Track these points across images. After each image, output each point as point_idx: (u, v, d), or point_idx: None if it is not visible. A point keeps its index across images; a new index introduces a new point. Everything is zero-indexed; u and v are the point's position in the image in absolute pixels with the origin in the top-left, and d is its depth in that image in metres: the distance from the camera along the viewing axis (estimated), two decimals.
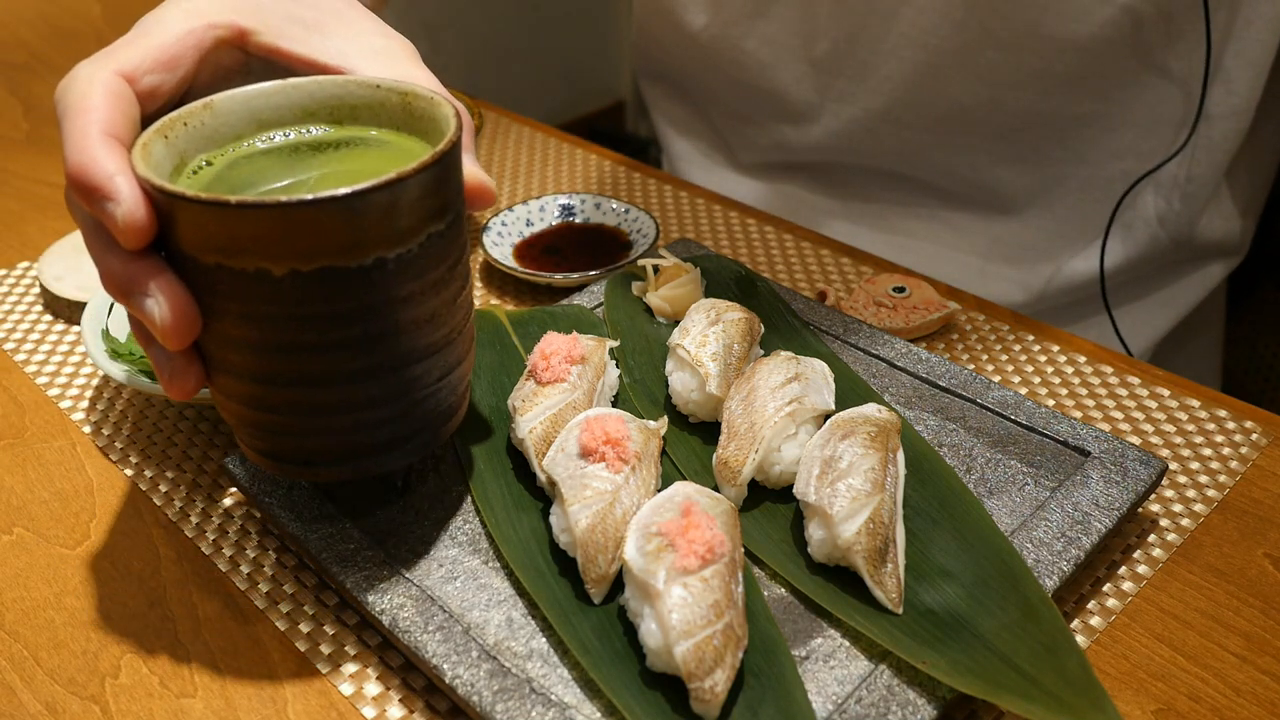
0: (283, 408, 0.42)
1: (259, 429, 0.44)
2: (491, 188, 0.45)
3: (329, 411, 0.42)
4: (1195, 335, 0.97)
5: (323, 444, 0.44)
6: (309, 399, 0.42)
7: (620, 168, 0.88)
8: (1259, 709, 0.42)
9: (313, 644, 0.46)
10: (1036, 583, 0.43)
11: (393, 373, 0.42)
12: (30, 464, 0.57)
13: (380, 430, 0.44)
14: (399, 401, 0.43)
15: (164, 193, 0.38)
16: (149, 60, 0.43)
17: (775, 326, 0.60)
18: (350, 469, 0.45)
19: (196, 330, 0.40)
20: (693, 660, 0.38)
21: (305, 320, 0.40)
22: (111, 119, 0.40)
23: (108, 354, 0.57)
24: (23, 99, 1.03)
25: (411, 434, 0.45)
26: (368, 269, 0.39)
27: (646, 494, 0.46)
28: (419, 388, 0.44)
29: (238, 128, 0.46)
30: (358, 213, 0.38)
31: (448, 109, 0.43)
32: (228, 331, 0.40)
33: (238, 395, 0.43)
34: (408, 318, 0.42)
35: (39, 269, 0.71)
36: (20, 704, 0.44)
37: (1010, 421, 0.53)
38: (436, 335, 0.43)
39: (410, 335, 0.42)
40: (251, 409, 0.43)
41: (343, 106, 0.46)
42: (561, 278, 0.68)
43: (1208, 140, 0.81)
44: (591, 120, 2.29)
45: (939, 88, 0.87)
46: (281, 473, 0.45)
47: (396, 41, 0.48)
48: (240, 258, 0.38)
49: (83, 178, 0.38)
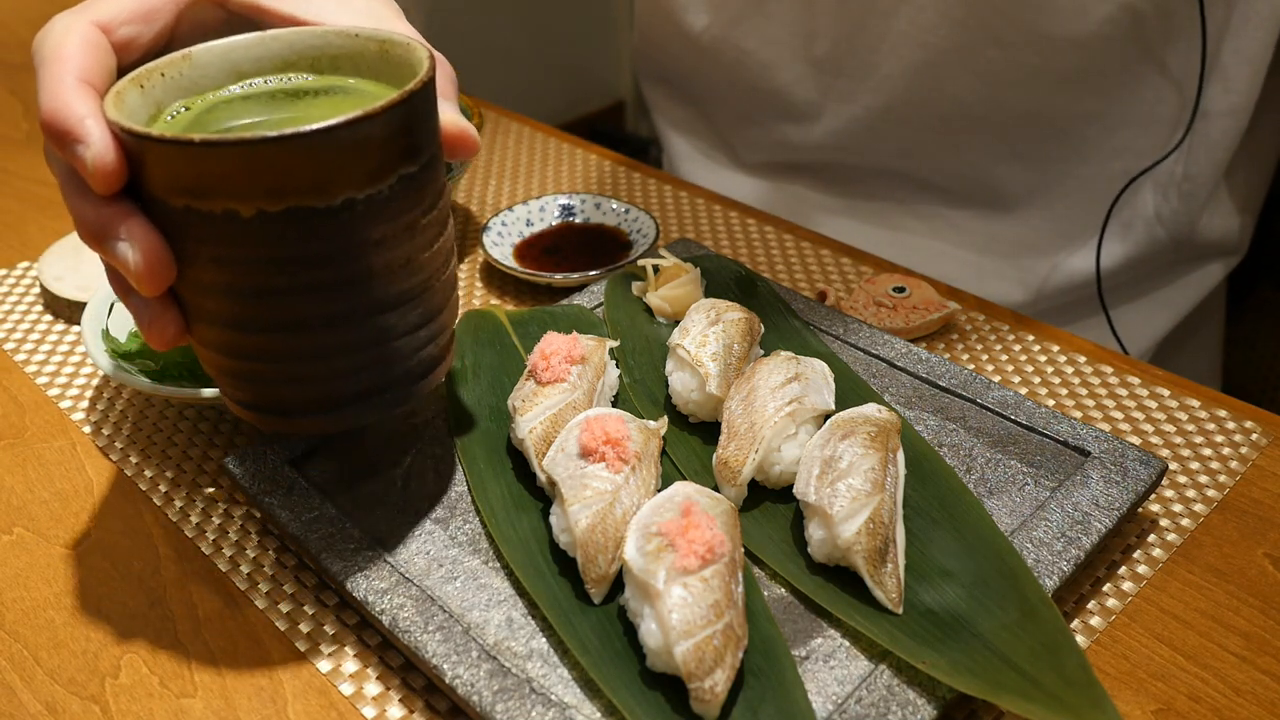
0: (257, 354, 0.42)
1: (237, 378, 0.44)
2: (472, 134, 0.45)
3: (303, 358, 0.42)
4: (1195, 335, 0.97)
5: (299, 393, 0.43)
6: (283, 345, 0.42)
7: (620, 168, 0.88)
8: (1259, 709, 0.42)
9: (313, 644, 0.46)
10: (1036, 583, 0.43)
11: (366, 318, 0.42)
12: (30, 464, 0.57)
13: (356, 378, 0.43)
14: (374, 349, 0.43)
15: (131, 134, 0.38)
16: (125, 11, 0.43)
17: (775, 326, 0.60)
18: (328, 420, 0.44)
19: (171, 275, 0.40)
20: (693, 660, 0.38)
21: (275, 263, 0.40)
22: (86, 67, 0.40)
23: (108, 354, 0.57)
24: (23, 99, 1.03)
25: (389, 385, 0.45)
26: (336, 209, 0.39)
27: (646, 494, 0.46)
28: (395, 335, 0.43)
29: (216, 78, 0.45)
30: (324, 150, 0.38)
31: (423, 53, 0.43)
32: (200, 277, 0.40)
33: (215, 343, 0.42)
34: (380, 261, 0.41)
35: (39, 269, 0.71)
36: (20, 704, 0.44)
37: (1010, 421, 0.53)
38: (412, 281, 0.43)
39: (384, 280, 0.42)
40: (228, 357, 0.43)
41: (322, 57, 0.46)
42: (561, 278, 0.68)
43: (1206, 138, 0.81)
44: (591, 120, 2.29)
45: (939, 86, 0.87)
46: (261, 424, 0.45)
47: (379, 0, 0.47)
48: (208, 199, 0.38)
49: (54, 122, 0.38)
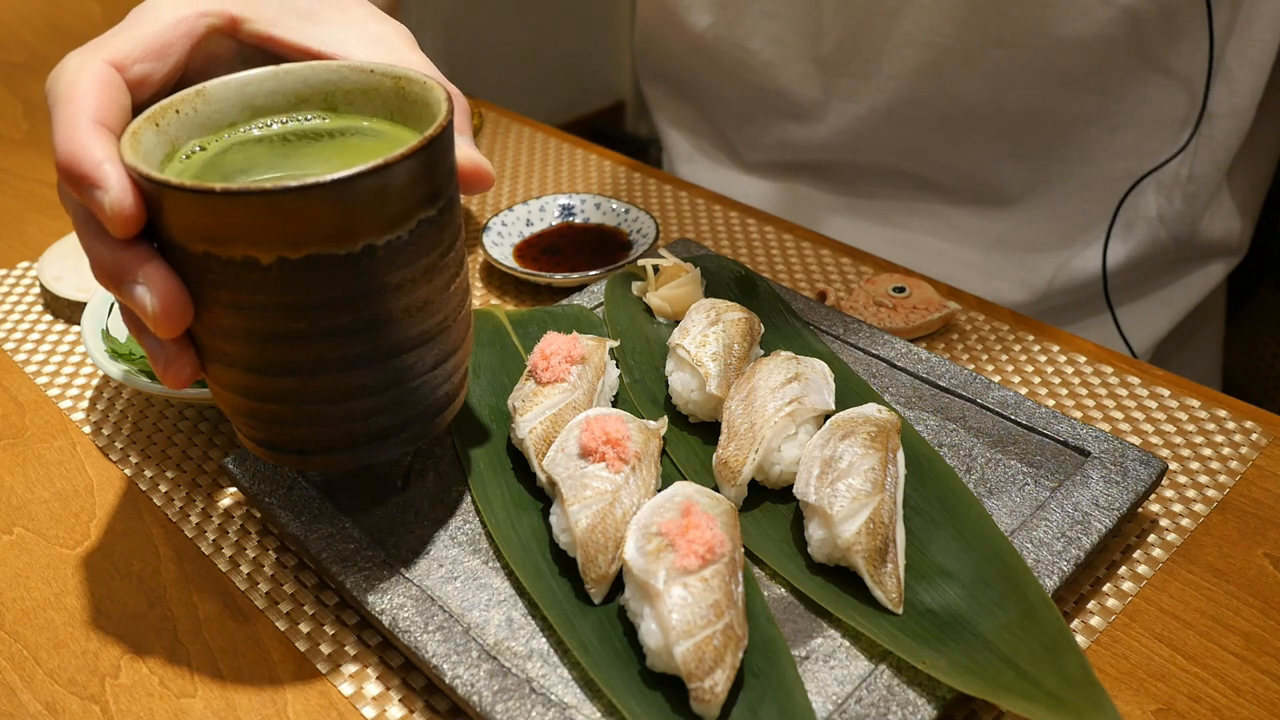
0: (275, 397, 0.42)
1: (254, 418, 0.44)
2: (488, 170, 0.45)
3: (321, 400, 0.42)
4: (1195, 335, 0.97)
5: (316, 433, 0.44)
6: (301, 388, 0.42)
7: (620, 168, 0.88)
8: (1259, 709, 0.42)
9: (313, 644, 0.46)
10: (1036, 583, 0.43)
11: (385, 361, 0.42)
12: (30, 464, 0.57)
13: (374, 419, 0.43)
14: (392, 390, 0.43)
15: (151, 181, 0.38)
16: (139, 48, 0.42)
17: (775, 326, 0.60)
18: (345, 458, 0.44)
19: (188, 318, 0.40)
20: (693, 660, 0.38)
21: (294, 309, 0.40)
22: (101, 107, 0.40)
23: (108, 354, 0.57)
24: (23, 99, 1.03)
25: (406, 423, 0.45)
26: (357, 256, 0.39)
27: (646, 494, 0.46)
28: (413, 376, 0.43)
29: (230, 114, 0.45)
30: (345, 199, 0.38)
31: (440, 92, 0.43)
32: (219, 321, 0.40)
33: (231, 384, 0.42)
34: (399, 305, 0.41)
35: (39, 269, 0.71)
36: (20, 704, 0.44)
37: (1010, 421, 0.53)
38: (430, 323, 0.43)
39: (402, 323, 0.42)
40: (245, 398, 0.43)
41: (336, 92, 0.46)
42: (561, 278, 0.68)
43: (1209, 139, 0.81)
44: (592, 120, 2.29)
45: (943, 85, 0.87)
46: (277, 461, 0.45)
47: (391, 28, 0.47)
48: (228, 246, 0.38)
49: (71, 166, 0.38)
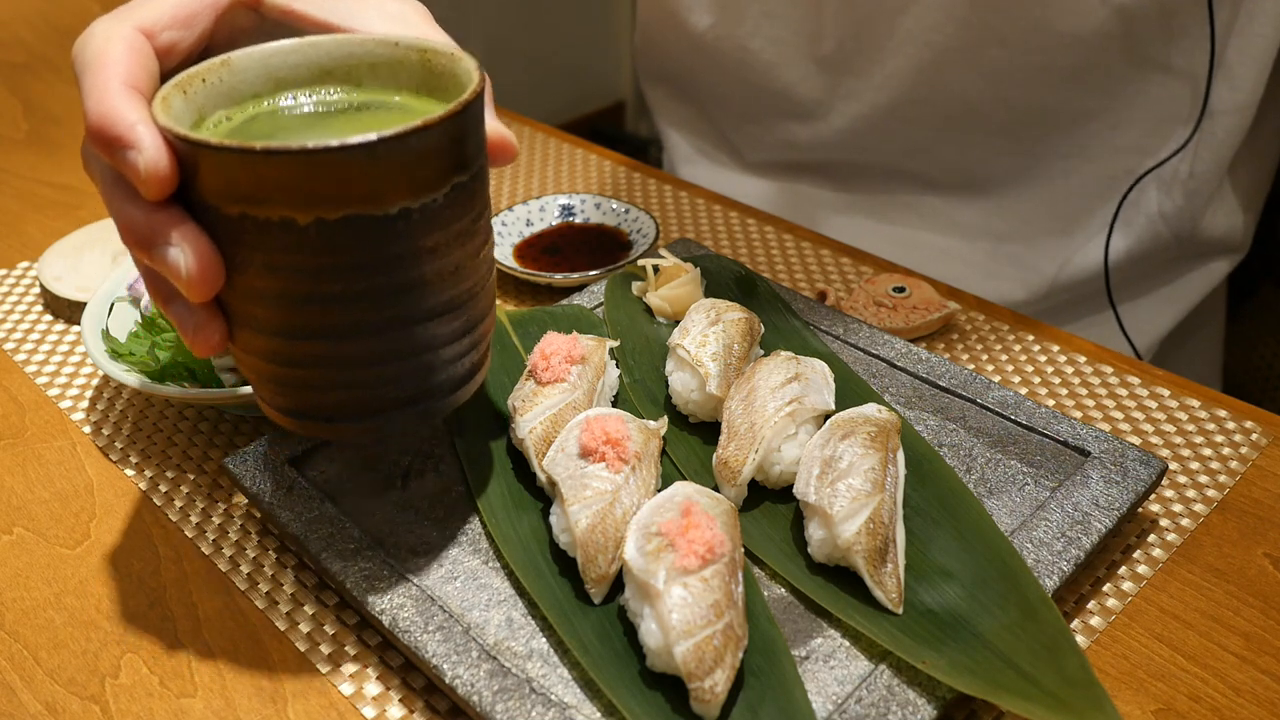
0: (305, 361, 0.42)
1: (281, 385, 0.44)
2: (512, 141, 0.45)
3: (351, 365, 0.42)
4: (1196, 334, 0.97)
5: (345, 399, 0.43)
6: (331, 352, 0.42)
7: (620, 168, 0.88)
8: (1259, 709, 0.42)
9: (313, 644, 0.46)
10: (1036, 583, 0.43)
11: (416, 325, 0.42)
12: (30, 464, 0.57)
13: (403, 385, 0.43)
14: (423, 355, 0.43)
15: (187, 141, 0.38)
16: (167, 16, 0.43)
17: (775, 326, 0.60)
18: (373, 425, 0.44)
19: (220, 280, 0.40)
20: (693, 660, 0.38)
21: (330, 271, 0.40)
22: (131, 72, 0.40)
23: (108, 354, 0.57)
24: (23, 99, 1.03)
25: (432, 392, 0.45)
26: (393, 218, 0.39)
27: (646, 494, 0.46)
28: (441, 342, 0.43)
29: (255, 85, 0.45)
30: (385, 159, 0.38)
31: (469, 63, 0.43)
32: (251, 284, 0.40)
33: (260, 350, 0.42)
34: (432, 269, 0.41)
35: (39, 269, 0.71)
36: (20, 704, 0.44)
37: (1010, 421, 0.53)
38: (460, 288, 0.43)
39: (434, 287, 0.42)
40: (274, 364, 0.43)
41: (361, 66, 0.46)
42: (561, 278, 0.68)
43: (1211, 136, 0.81)
44: (592, 120, 2.29)
45: (944, 84, 0.87)
46: (303, 430, 0.45)
47: (410, 6, 0.47)
48: (265, 206, 0.38)
49: (104, 128, 0.38)
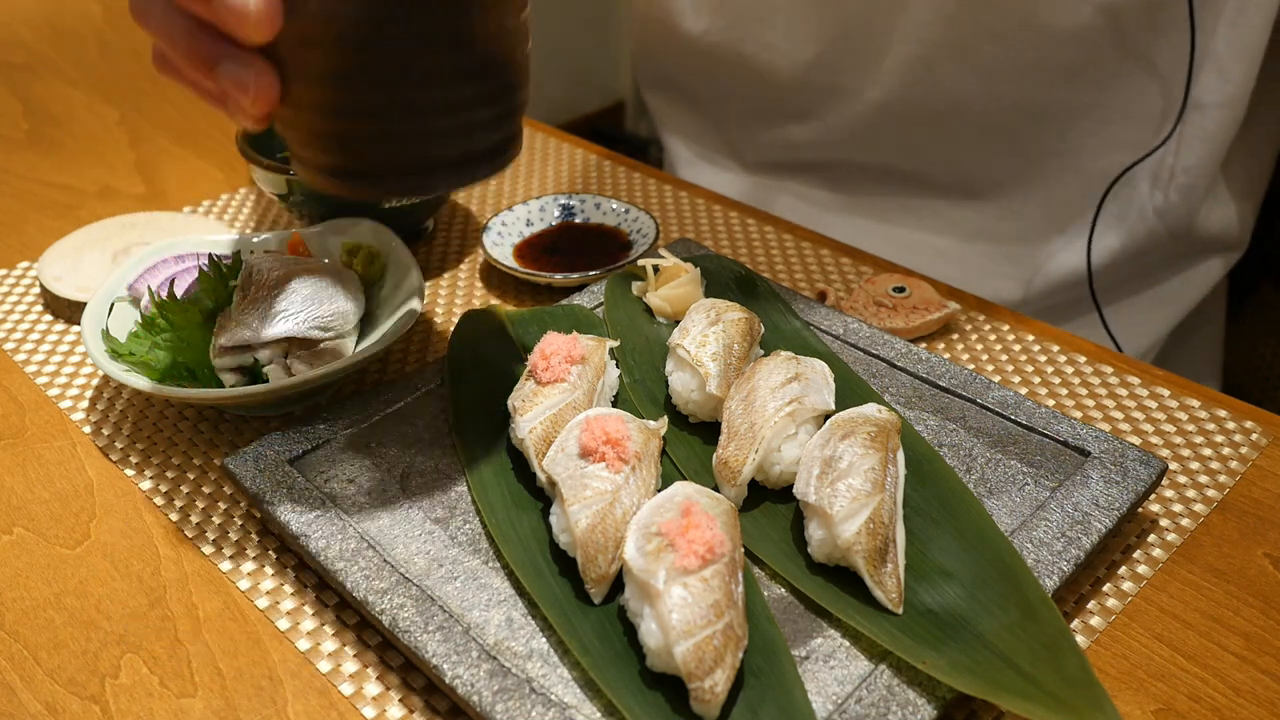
0: (360, 110, 0.43)
1: (331, 140, 0.44)
2: None
3: (402, 113, 0.43)
4: (1195, 334, 0.97)
5: (392, 153, 0.44)
6: (384, 99, 0.42)
7: (620, 168, 0.88)
8: (1259, 709, 0.42)
9: (313, 644, 0.46)
10: (1036, 583, 0.43)
11: (465, 78, 0.43)
12: (30, 464, 0.57)
13: (446, 143, 0.44)
14: (467, 111, 0.44)
15: None
16: None
17: (775, 326, 0.60)
18: (416, 182, 0.45)
19: (279, 20, 0.40)
20: (693, 660, 0.38)
21: (388, 11, 0.40)
22: None
23: (108, 354, 0.57)
24: (23, 99, 1.02)
25: (474, 155, 0.45)
26: None
27: (646, 494, 0.46)
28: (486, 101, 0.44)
29: None
30: None
31: None
32: (306, 30, 0.41)
33: (313, 104, 0.43)
34: (479, 17, 0.42)
35: (39, 269, 0.71)
36: (20, 704, 0.44)
37: (1010, 421, 0.53)
38: (505, 46, 0.44)
39: (483, 39, 0.43)
40: (325, 118, 0.43)
41: None
42: (561, 278, 0.68)
43: (1202, 130, 0.81)
44: (591, 120, 2.29)
45: (936, 81, 0.87)
46: (347, 192, 0.45)
47: None
48: None
49: None
